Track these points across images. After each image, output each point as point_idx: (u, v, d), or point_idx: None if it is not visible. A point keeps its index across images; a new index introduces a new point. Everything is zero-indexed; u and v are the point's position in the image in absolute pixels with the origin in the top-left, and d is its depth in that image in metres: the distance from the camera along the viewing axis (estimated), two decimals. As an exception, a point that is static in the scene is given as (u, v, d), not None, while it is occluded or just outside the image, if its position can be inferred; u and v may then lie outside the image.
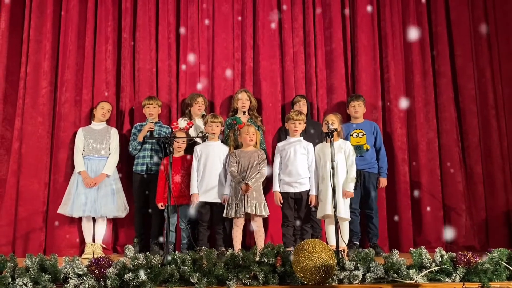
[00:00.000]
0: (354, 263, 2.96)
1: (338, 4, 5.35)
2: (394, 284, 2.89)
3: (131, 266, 2.88)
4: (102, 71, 4.94)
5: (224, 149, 4.33)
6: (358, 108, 4.74)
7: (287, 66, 5.17)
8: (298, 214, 4.18)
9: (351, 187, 4.06)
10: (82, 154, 4.50)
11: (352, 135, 4.66)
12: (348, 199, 4.09)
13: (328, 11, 5.35)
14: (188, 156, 4.39)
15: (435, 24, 5.40)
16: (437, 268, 2.99)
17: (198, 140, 4.42)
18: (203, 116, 4.65)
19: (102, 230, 4.49)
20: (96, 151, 4.51)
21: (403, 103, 5.11)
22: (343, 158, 4.09)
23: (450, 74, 5.28)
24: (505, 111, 5.11)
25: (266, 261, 2.95)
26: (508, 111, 5.09)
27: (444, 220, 5.01)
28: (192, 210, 4.22)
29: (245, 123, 4.41)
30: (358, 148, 4.55)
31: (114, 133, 4.64)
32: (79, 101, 4.85)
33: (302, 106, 4.71)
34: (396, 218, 4.90)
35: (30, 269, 2.84)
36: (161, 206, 4.27)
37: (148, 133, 4.48)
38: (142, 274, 2.79)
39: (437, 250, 3.11)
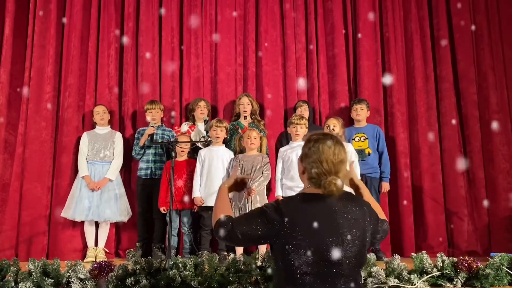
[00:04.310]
0: (355, 268, 2.95)
1: (340, 10, 5.36)
2: (395, 289, 2.89)
3: (133, 270, 2.89)
4: (105, 76, 4.95)
5: (228, 154, 4.33)
6: (360, 112, 4.74)
7: (290, 71, 5.18)
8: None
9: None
10: (86, 158, 4.52)
11: (354, 139, 4.66)
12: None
13: (330, 16, 5.36)
14: (192, 161, 4.40)
15: (436, 29, 5.40)
16: (438, 273, 2.98)
17: (199, 144, 4.43)
18: (205, 121, 4.67)
19: (104, 234, 4.50)
20: (100, 155, 4.52)
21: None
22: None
23: (452, 79, 5.27)
24: (511, 116, 5.10)
25: (267, 266, 2.95)
26: (512, 116, 5.08)
27: (446, 225, 4.99)
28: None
29: (247, 128, 4.42)
30: (360, 152, 4.54)
31: (118, 138, 4.65)
32: (82, 106, 4.87)
33: (303, 111, 4.72)
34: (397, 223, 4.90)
35: (33, 273, 2.86)
36: (163, 210, 4.27)
37: (149, 137, 4.49)
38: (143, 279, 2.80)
39: (438, 255, 3.10)
